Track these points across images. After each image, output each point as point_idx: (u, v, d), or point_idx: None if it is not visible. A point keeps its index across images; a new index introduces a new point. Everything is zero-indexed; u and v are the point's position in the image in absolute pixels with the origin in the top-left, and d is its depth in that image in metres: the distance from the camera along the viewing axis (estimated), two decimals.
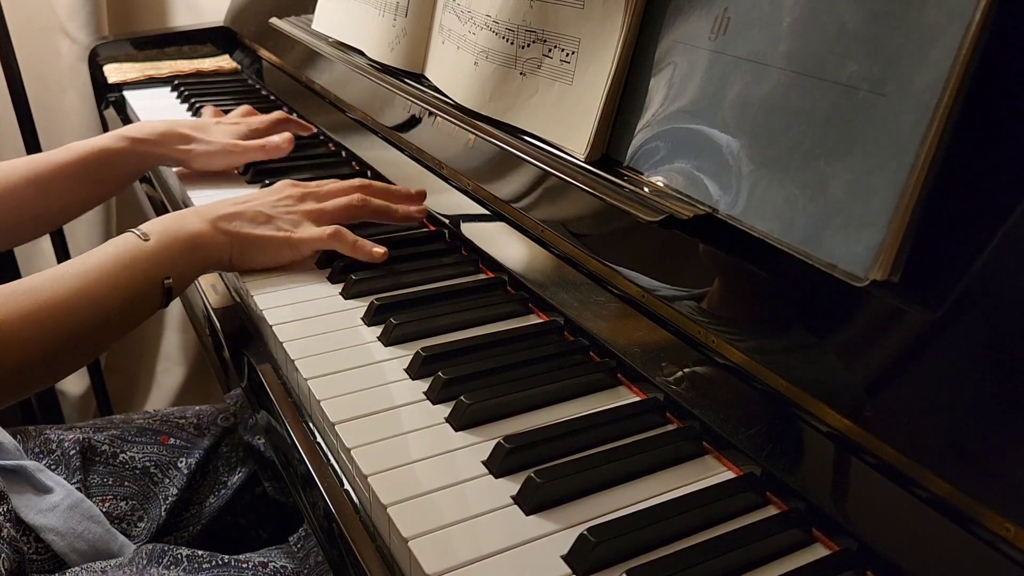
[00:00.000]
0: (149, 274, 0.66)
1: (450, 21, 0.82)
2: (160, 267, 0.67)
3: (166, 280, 0.67)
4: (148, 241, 0.67)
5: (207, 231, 0.71)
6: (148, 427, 0.86)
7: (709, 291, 0.55)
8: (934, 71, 0.41)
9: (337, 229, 0.75)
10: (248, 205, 0.75)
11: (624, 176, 0.61)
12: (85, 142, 0.91)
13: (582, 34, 0.66)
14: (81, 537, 0.72)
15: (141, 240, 0.67)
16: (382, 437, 0.53)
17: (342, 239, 0.75)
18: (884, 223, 0.43)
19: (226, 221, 0.72)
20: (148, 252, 0.67)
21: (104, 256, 0.65)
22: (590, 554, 0.44)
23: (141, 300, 0.66)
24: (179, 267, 0.68)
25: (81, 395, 1.82)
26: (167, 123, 0.98)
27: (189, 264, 0.70)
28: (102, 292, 0.64)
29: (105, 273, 0.64)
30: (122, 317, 0.66)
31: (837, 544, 0.46)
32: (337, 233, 0.74)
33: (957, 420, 0.40)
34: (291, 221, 0.75)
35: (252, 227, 0.73)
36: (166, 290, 0.67)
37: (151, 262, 0.67)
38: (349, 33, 1.02)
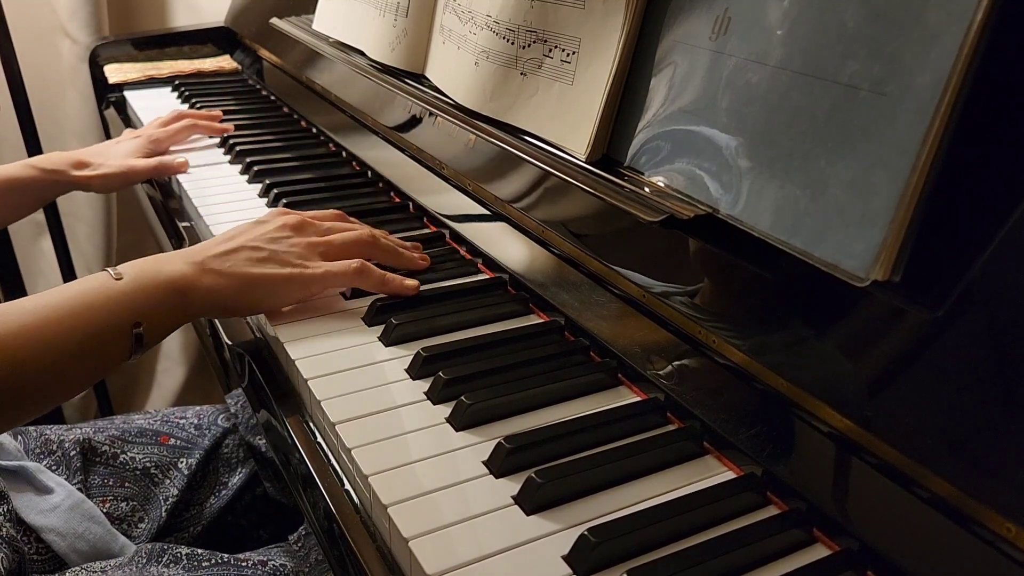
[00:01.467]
0: (116, 317, 0.59)
1: (450, 21, 0.82)
2: (131, 311, 0.59)
3: (135, 326, 0.59)
4: (120, 280, 0.60)
5: (192, 273, 0.63)
6: (148, 427, 0.86)
7: (710, 291, 0.55)
8: (935, 71, 0.41)
9: (363, 263, 0.68)
10: (241, 240, 0.67)
11: (625, 176, 0.61)
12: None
13: (583, 34, 0.66)
14: (82, 537, 0.72)
15: (112, 279, 0.60)
16: (383, 437, 0.53)
17: (369, 275, 0.68)
18: (885, 223, 0.43)
19: (217, 261, 0.64)
20: (117, 293, 0.60)
21: (67, 293, 0.59)
22: (591, 554, 0.44)
23: (103, 346, 0.59)
24: (154, 313, 0.61)
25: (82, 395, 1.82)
26: (73, 152, 1.02)
27: (167, 311, 0.62)
28: (53, 331, 0.56)
29: (63, 311, 0.57)
30: (78, 364, 0.58)
31: (838, 544, 0.46)
32: (364, 268, 0.67)
33: (958, 420, 0.40)
34: (297, 255, 0.67)
35: (253, 265, 0.65)
36: (136, 337, 0.60)
37: (119, 305, 0.59)
38: (350, 33, 1.02)
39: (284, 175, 0.98)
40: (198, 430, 0.87)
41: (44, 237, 1.68)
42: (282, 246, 0.67)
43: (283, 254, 0.66)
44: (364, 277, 0.68)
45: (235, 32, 1.49)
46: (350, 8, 1.02)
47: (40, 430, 0.83)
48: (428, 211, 0.85)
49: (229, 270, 0.64)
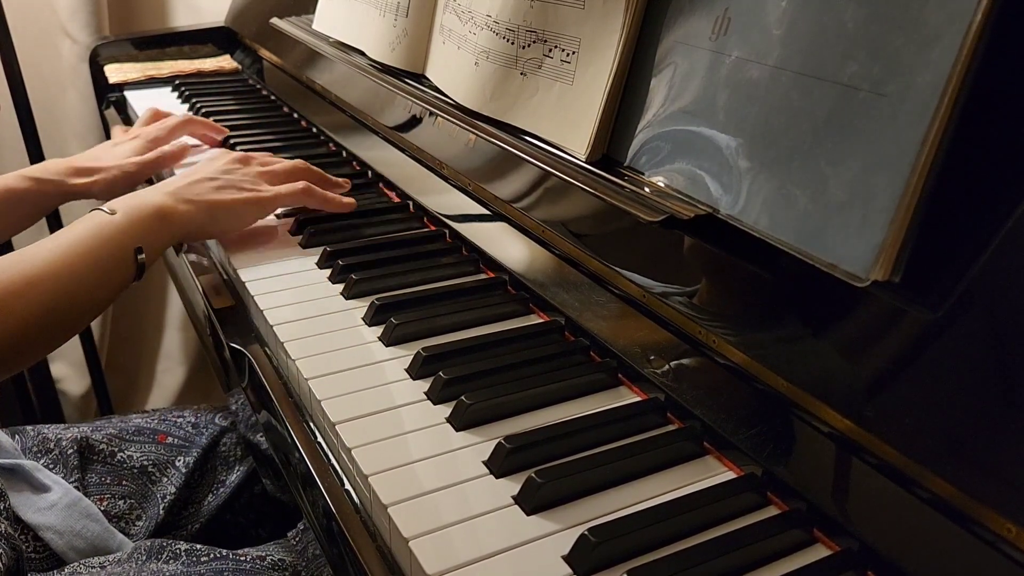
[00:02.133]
0: (122, 245, 0.69)
1: (451, 21, 0.82)
2: (130, 239, 0.70)
3: (139, 252, 0.70)
4: (115, 215, 0.70)
5: (170, 203, 0.73)
6: (146, 426, 0.86)
7: (710, 291, 0.55)
8: (935, 71, 0.41)
9: (307, 184, 0.80)
10: (201, 173, 0.78)
11: (625, 176, 0.61)
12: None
13: (583, 34, 0.66)
14: (79, 535, 0.72)
15: (108, 215, 0.70)
16: (383, 437, 0.53)
17: (311, 194, 0.80)
18: (885, 223, 0.43)
19: (186, 191, 0.75)
20: (117, 225, 0.70)
21: (76, 233, 0.68)
22: (591, 554, 0.44)
23: (115, 271, 0.69)
24: (148, 238, 0.71)
25: (82, 395, 1.82)
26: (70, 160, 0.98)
27: (157, 235, 0.72)
28: (78, 265, 0.66)
29: (80, 247, 0.67)
30: (99, 289, 0.68)
31: (838, 544, 0.46)
32: (308, 189, 0.80)
33: (958, 420, 0.40)
34: (249, 182, 0.79)
35: (215, 193, 0.76)
36: (138, 261, 0.70)
37: (122, 234, 0.69)
38: (350, 33, 1.02)
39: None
40: (195, 429, 0.87)
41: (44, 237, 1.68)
42: (235, 176, 0.80)
43: (238, 181, 0.79)
44: (309, 196, 0.80)
45: (235, 32, 1.49)
46: (350, 8, 1.02)
47: (38, 429, 0.83)
48: (428, 211, 0.85)
49: (197, 197, 0.75)
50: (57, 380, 1.76)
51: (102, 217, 0.70)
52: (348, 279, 0.72)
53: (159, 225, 0.72)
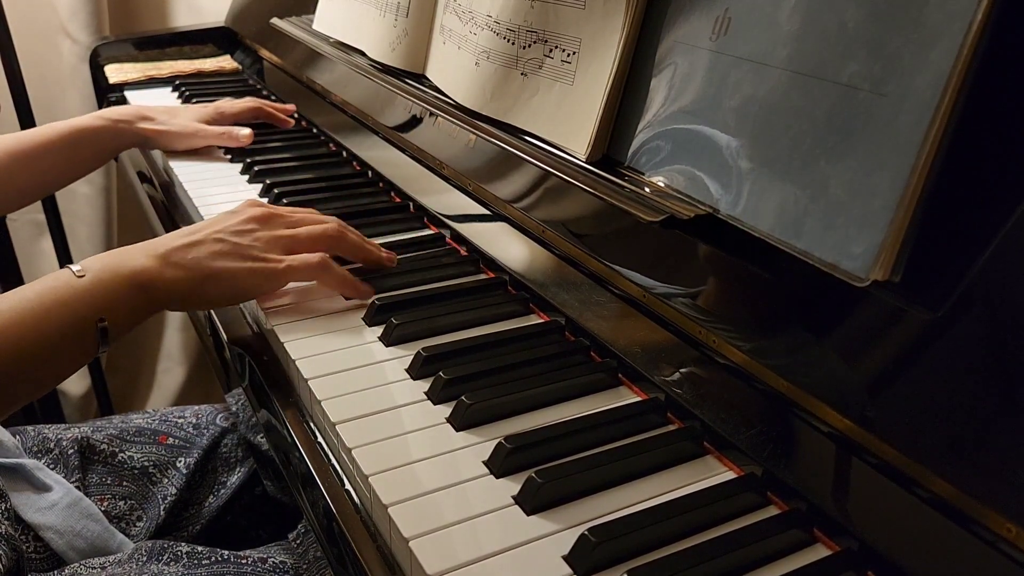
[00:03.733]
0: (79, 314, 0.60)
1: (451, 21, 0.82)
2: (93, 307, 0.60)
3: (100, 321, 0.60)
4: (82, 278, 0.61)
5: (154, 267, 0.63)
6: (147, 427, 0.86)
7: (710, 291, 0.55)
8: (935, 71, 0.41)
9: (324, 259, 0.67)
10: (205, 233, 0.66)
11: (625, 176, 0.61)
12: (66, 121, 0.98)
13: (583, 34, 0.66)
14: (80, 535, 0.72)
15: (75, 277, 0.61)
16: (383, 437, 0.53)
17: (330, 271, 0.67)
18: (885, 223, 0.43)
19: (180, 253, 0.64)
20: (80, 290, 0.60)
21: (28, 293, 0.60)
22: (591, 554, 0.44)
23: (69, 342, 0.60)
24: (118, 307, 0.62)
25: (82, 395, 1.82)
26: (141, 106, 1.08)
27: (132, 305, 0.62)
28: (20, 331, 0.58)
29: (27, 313, 0.58)
30: (47, 363, 0.60)
31: (838, 544, 0.46)
32: (325, 264, 0.67)
33: (958, 420, 0.40)
34: (260, 249, 0.67)
35: (214, 259, 0.65)
36: (101, 331, 0.61)
37: (82, 301, 0.60)
38: (350, 33, 1.02)
39: (285, 175, 0.98)
40: (196, 429, 0.87)
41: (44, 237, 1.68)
42: (246, 239, 0.67)
43: (246, 247, 0.66)
44: (324, 272, 0.67)
45: (235, 32, 1.49)
46: (350, 8, 1.02)
47: (38, 429, 0.83)
48: (428, 211, 0.85)
49: (191, 263, 0.64)
50: None
51: (66, 277, 0.61)
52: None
53: (134, 293, 0.62)
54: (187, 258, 0.64)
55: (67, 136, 0.97)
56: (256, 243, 0.67)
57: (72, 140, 0.97)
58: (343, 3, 1.05)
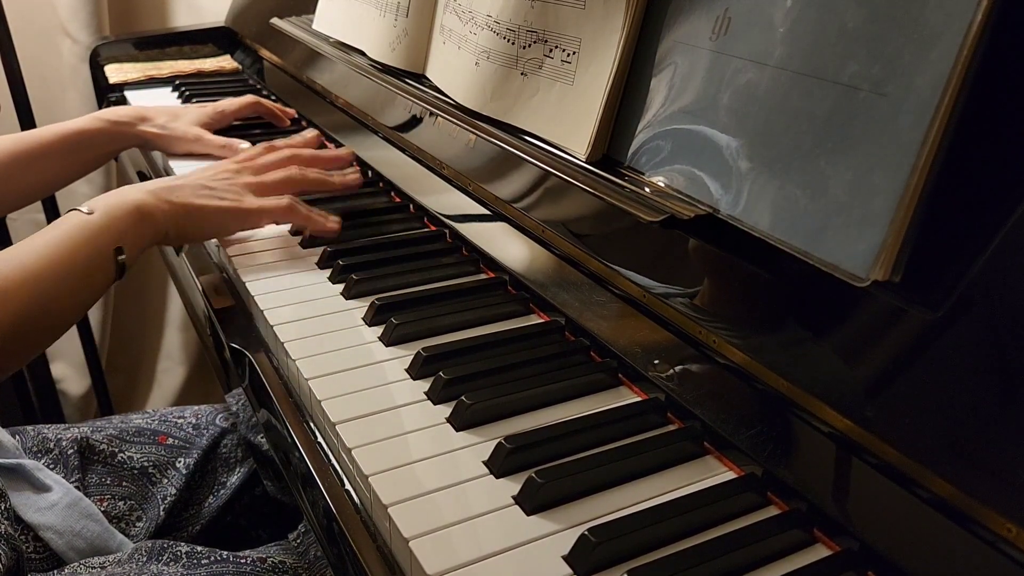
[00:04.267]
0: (100, 246, 0.68)
1: (451, 21, 0.82)
2: (109, 239, 0.68)
3: (119, 253, 0.69)
4: (93, 215, 0.68)
5: (149, 200, 0.72)
6: (146, 427, 0.86)
7: (710, 291, 0.55)
8: (935, 71, 0.41)
9: (291, 201, 0.78)
10: (187, 180, 0.78)
11: (625, 176, 0.61)
12: (65, 123, 0.99)
13: (583, 34, 0.66)
14: (79, 535, 0.72)
15: (86, 215, 0.69)
16: (383, 437, 0.53)
17: (295, 211, 0.78)
18: (885, 223, 0.43)
19: (167, 192, 0.74)
20: (96, 225, 0.68)
21: (53, 234, 0.67)
22: (591, 554, 0.44)
23: (95, 272, 0.68)
24: (127, 238, 0.70)
25: (82, 395, 1.82)
26: (141, 107, 1.07)
27: (137, 235, 0.71)
28: (55, 268, 0.65)
29: (57, 249, 0.65)
30: (78, 291, 0.67)
31: (838, 544, 0.46)
32: (291, 206, 0.78)
33: (958, 420, 0.40)
34: (234, 192, 0.78)
35: (195, 197, 0.75)
36: (119, 262, 0.69)
37: (100, 234, 0.68)
38: (350, 33, 1.02)
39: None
40: (196, 430, 0.87)
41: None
42: (221, 184, 0.79)
43: (221, 191, 0.78)
44: (292, 214, 0.78)
45: (236, 32, 1.49)
46: (350, 8, 1.02)
47: (38, 429, 0.83)
48: (428, 211, 0.85)
49: (176, 199, 0.74)
50: (57, 380, 1.76)
51: (80, 218, 0.69)
52: (348, 279, 0.72)
53: (138, 224, 0.71)
54: (174, 195, 0.74)
55: (67, 138, 0.97)
56: (231, 187, 0.79)
57: (72, 142, 0.98)
58: (343, 3, 1.05)
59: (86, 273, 0.67)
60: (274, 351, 0.67)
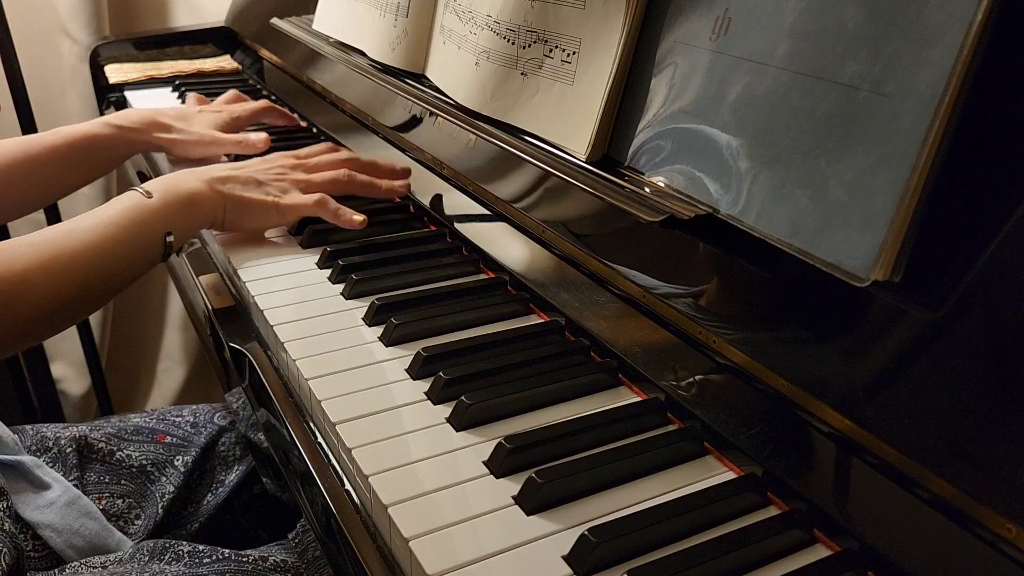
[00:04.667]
0: (153, 228, 0.72)
1: (451, 21, 0.82)
2: (162, 222, 0.72)
3: (168, 235, 0.72)
4: (151, 198, 0.72)
5: (204, 190, 0.76)
6: (145, 426, 0.86)
7: (710, 291, 0.55)
8: (935, 71, 0.41)
9: (322, 196, 0.80)
10: (242, 171, 0.80)
11: (625, 176, 0.61)
12: (73, 127, 0.96)
13: (583, 34, 0.66)
14: (78, 533, 0.72)
15: (145, 197, 0.72)
16: (383, 437, 0.53)
17: (325, 207, 0.80)
18: (885, 223, 0.43)
19: (220, 183, 0.77)
20: (152, 208, 0.72)
21: (112, 212, 0.71)
22: (591, 554, 0.44)
23: (145, 252, 0.72)
24: (178, 223, 0.74)
25: (82, 395, 1.82)
26: (151, 111, 1.03)
27: (187, 220, 0.75)
28: (112, 244, 0.69)
29: (115, 227, 0.69)
30: (129, 268, 0.71)
31: (838, 544, 0.46)
32: (321, 200, 0.80)
33: (959, 420, 0.40)
34: (280, 188, 0.81)
35: (244, 190, 0.79)
36: (167, 244, 0.72)
37: (155, 217, 0.72)
38: (350, 33, 1.02)
39: None
40: (194, 428, 0.87)
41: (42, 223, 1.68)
42: (272, 178, 0.82)
43: (268, 186, 0.81)
44: (321, 208, 0.80)
45: (236, 32, 1.49)
46: (350, 8, 1.02)
47: (36, 428, 0.83)
48: (428, 211, 0.85)
49: (227, 191, 0.78)
50: (57, 380, 1.76)
51: (139, 199, 0.72)
52: (348, 279, 0.72)
53: (189, 210, 0.75)
54: (225, 187, 0.78)
55: (73, 143, 0.95)
56: (279, 182, 0.82)
57: (79, 147, 0.95)
58: (343, 3, 1.05)
59: (136, 252, 0.71)
60: (274, 351, 0.67)
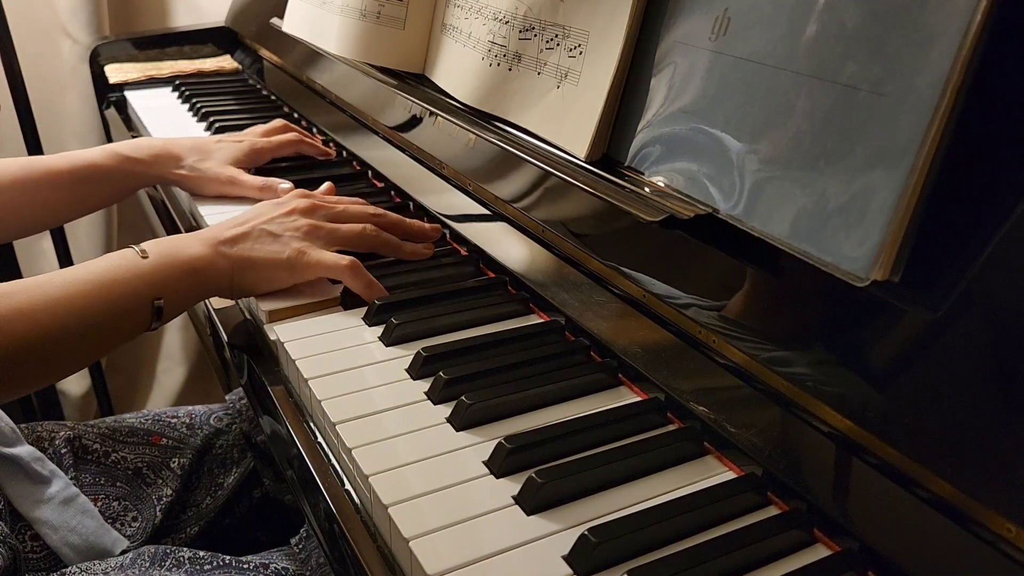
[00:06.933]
0: (139, 292, 0.63)
1: (451, 20, 0.82)
2: (153, 287, 0.64)
3: (156, 300, 0.64)
4: (146, 259, 0.65)
5: (207, 256, 0.67)
6: (140, 427, 0.86)
7: (710, 291, 0.55)
8: (934, 71, 0.41)
9: (354, 262, 0.69)
10: (253, 224, 0.71)
11: (625, 176, 0.61)
12: (79, 153, 0.90)
13: (583, 34, 0.66)
14: (74, 531, 0.72)
15: (139, 257, 0.65)
16: (383, 437, 0.53)
17: (358, 275, 0.69)
18: (885, 223, 0.43)
19: (229, 245, 0.69)
20: (142, 270, 0.64)
21: (94, 268, 0.63)
22: (591, 554, 0.44)
23: (126, 317, 0.63)
24: (174, 290, 0.65)
25: (82, 395, 1.82)
26: (163, 141, 0.94)
27: (187, 288, 0.67)
28: (83, 303, 0.61)
29: (91, 285, 0.62)
30: (100, 334, 0.63)
31: (838, 544, 0.46)
32: (354, 267, 0.69)
33: (958, 420, 0.40)
34: (298, 239, 0.70)
35: (255, 249, 0.69)
36: (156, 310, 0.64)
37: (143, 281, 0.64)
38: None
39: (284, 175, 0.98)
40: (190, 430, 0.87)
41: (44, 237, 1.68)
42: (288, 227, 0.71)
43: (287, 237, 0.70)
44: (351, 275, 0.69)
45: (236, 32, 1.49)
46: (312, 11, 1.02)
47: (31, 427, 0.83)
48: (428, 211, 0.85)
49: (236, 253, 0.68)
50: None
51: (131, 258, 0.65)
52: None
53: (190, 279, 0.66)
54: (233, 250, 0.68)
55: (76, 170, 0.88)
56: (297, 232, 0.71)
57: (82, 175, 0.88)
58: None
59: (117, 315, 0.63)
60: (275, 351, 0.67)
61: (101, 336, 0.63)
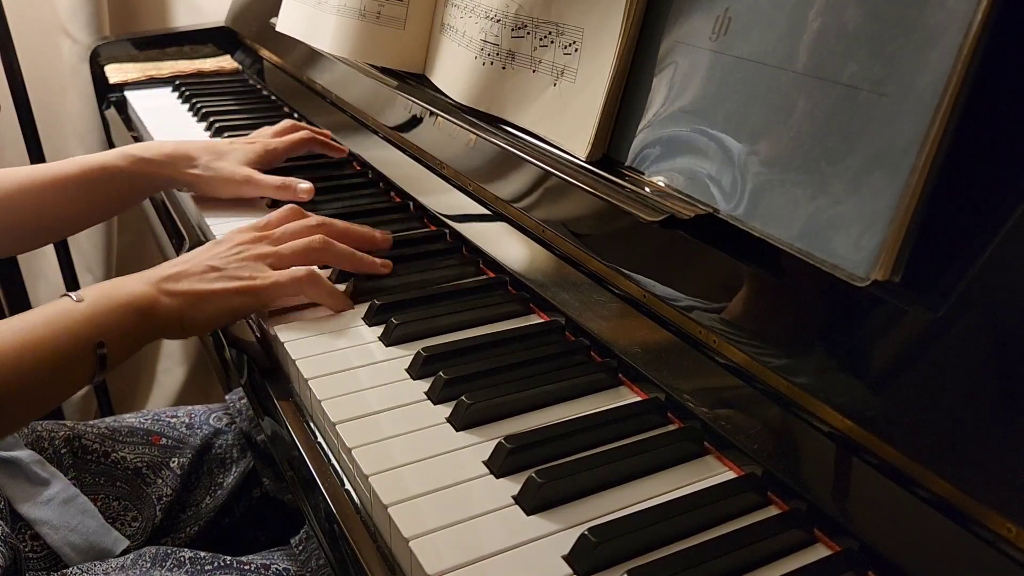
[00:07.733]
0: (79, 338, 0.60)
1: (451, 20, 0.82)
2: (92, 331, 0.61)
3: (99, 347, 0.61)
4: (80, 303, 0.61)
5: (149, 294, 0.64)
6: (139, 427, 0.86)
7: (710, 291, 0.55)
8: (935, 71, 0.41)
9: (311, 273, 0.68)
10: (193, 262, 0.68)
11: (625, 176, 0.61)
12: (88, 157, 0.87)
13: (583, 34, 0.66)
14: (75, 531, 0.72)
15: (73, 302, 0.61)
16: (383, 437, 0.53)
17: (317, 285, 0.68)
18: (885, 223, 0.43)
19: (172, 282, 0.65)
20: (79, 315, 0.61)
21: (30, 317, 0.61)
22: (591, 554, 0.44)
23: (68, 366, 0.60)
24: (118, 332, 0.62)
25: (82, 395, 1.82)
26: (177, 144, 0.92)
27: (131, 329, 0.63)
28: (19, 354, 0.58)
29: (26, 334, 0.59)
30: (46, 383, 0.60)
31: (838, 544, 0.46)
32: (311, 278, 0.67)
33: (959, 420, 0.40)
34: (246, 268, 0.67)
35: (201, 282, 0.66)
36: (99, 357, 0.61)
37: (81, 326, 0.60)
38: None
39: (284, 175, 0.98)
40: (189, 430, 0.87)
41: None
42: (232, 262, 0.68)
43: (234, 269, 0.67)
44: (311, 286, 0.68)
45: (236, 32, 1.49)
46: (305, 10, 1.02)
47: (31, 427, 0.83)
48: (428, 211, 0.85)
49: (180, 289, 0.65)
50: None
51: (65, 304, 0.61)
52: (349, 280, 0.72)
53: (134, 319, 0.63)
54: (179, 284, 0.65)
55: (84, 174, 0.85)
56: (244, 263, 0.68)
57: (92, 178, 0.85)
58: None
59: (58, 363, 0.59)
60: (275, 351, 0.67)
61: (43, 387, 0.60)
